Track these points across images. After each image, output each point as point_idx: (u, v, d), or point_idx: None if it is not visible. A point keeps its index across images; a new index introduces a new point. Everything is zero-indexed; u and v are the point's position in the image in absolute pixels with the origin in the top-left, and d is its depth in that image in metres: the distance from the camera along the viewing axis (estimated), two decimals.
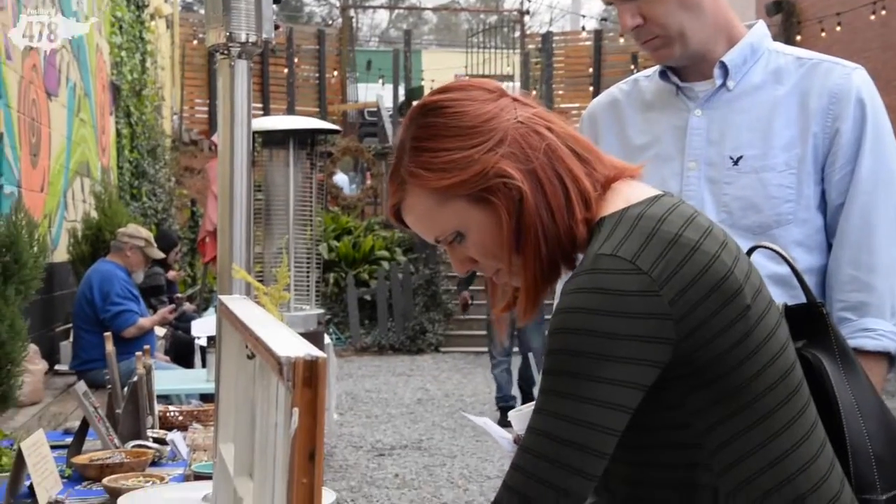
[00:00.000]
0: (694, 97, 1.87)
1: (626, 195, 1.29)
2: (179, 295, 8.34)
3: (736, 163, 1.81)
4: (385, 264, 12.82)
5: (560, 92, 16.54)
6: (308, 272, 4.61)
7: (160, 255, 6.23)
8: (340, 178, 15.29)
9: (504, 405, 7.29)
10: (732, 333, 1.21)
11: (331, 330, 11.68)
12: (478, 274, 1.45)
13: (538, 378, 1.64)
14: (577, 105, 15.58)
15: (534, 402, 1.41)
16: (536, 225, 1.26)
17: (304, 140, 4.54)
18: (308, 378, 0.90)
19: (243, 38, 1.83)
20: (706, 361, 1.21)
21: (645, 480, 1.28)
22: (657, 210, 1.25)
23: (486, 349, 11.33)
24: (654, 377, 1.20)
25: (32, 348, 4.60)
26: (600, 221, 1.27)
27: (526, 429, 1.22)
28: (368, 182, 15.57)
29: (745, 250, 1.33)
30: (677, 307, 1.18)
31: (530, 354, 7.47)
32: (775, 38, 1.94)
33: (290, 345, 0.97)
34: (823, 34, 12.62)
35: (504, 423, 6.20)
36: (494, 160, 1.25)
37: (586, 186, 1.27)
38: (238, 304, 1.41)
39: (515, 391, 7.52)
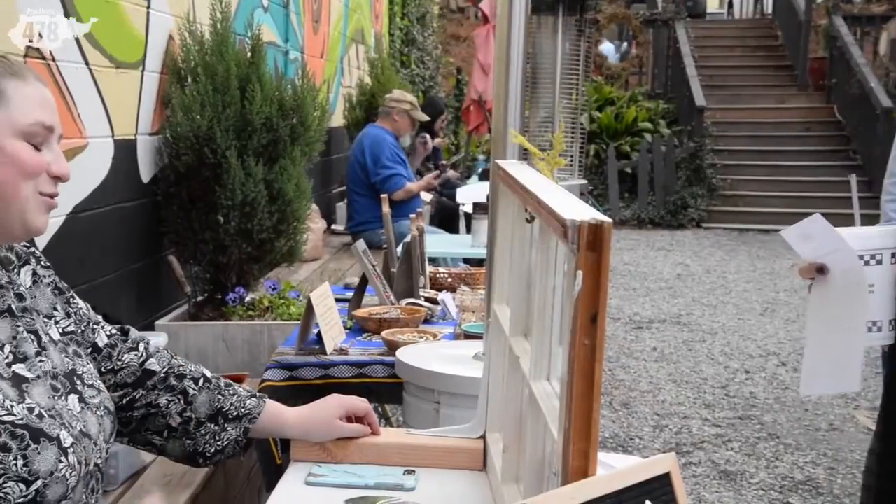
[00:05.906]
0: None
1: None
2: (444, 162, 8.58)
3: None
4: (648, 136, 12.52)
5: None
6: (571, 142, 4.57)
7: (425, 117, 6.38)
8: (605, 47, 14.93)
9: None
10: None
11: (590, 202, 11.64)
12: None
13: None
14: None
15: (813, 218, 1.27)
16: None
17: (573, 6, 4.44)
18: (592, 241, 0.90)
19: None
20: None
21: None
22: None
23: (751, 226, 10.90)
24: None
25: (314, 208, 4.91)
26: None
27: None
28: (634, 51, 15.10)
29: None
30: None
31: None
32: None
33: (574, 208, 0.97)
34: None
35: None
36: None
37: None
38: (516, 169, 1.43)
39: None
